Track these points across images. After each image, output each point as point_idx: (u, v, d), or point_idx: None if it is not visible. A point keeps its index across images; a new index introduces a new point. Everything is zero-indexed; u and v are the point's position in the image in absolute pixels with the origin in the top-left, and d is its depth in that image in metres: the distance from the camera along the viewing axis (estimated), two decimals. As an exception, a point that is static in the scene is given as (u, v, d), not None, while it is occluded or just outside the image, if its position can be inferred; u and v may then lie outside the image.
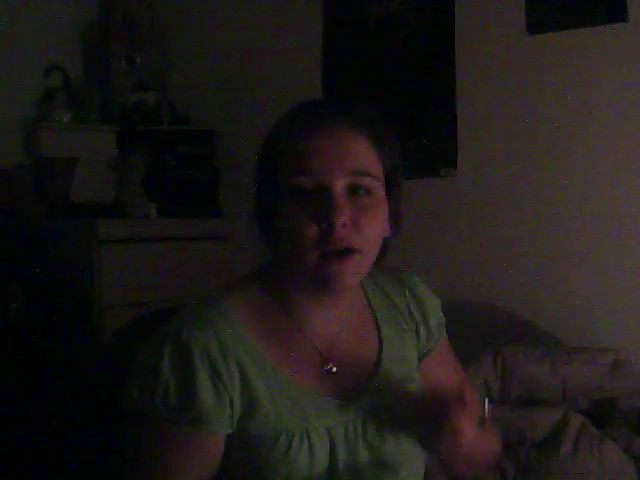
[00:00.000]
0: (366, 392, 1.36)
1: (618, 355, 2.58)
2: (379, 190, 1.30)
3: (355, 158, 1.27)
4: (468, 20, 3.13)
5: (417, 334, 1.49)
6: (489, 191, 3.09)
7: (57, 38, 3.66)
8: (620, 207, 2.85)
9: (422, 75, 3.26)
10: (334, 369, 1.35)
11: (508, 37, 3.04)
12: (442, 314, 1.54)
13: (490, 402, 1.32)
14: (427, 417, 1.31)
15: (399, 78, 3.31)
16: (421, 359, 1.51)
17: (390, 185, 1.33)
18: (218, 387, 1.23)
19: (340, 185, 1.24)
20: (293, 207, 1.25)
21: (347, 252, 1.24)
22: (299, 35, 3.55)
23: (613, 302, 2.84)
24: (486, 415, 1.28)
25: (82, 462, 2.07)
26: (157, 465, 1.26)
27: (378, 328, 1.45)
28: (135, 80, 3.75)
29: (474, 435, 1.26)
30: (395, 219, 1.35)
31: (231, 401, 1.24)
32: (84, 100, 3.64)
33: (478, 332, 2.73)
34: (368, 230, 1.26)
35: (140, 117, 3.61)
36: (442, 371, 1.52)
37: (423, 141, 3.22)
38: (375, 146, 1.30)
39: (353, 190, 1.26)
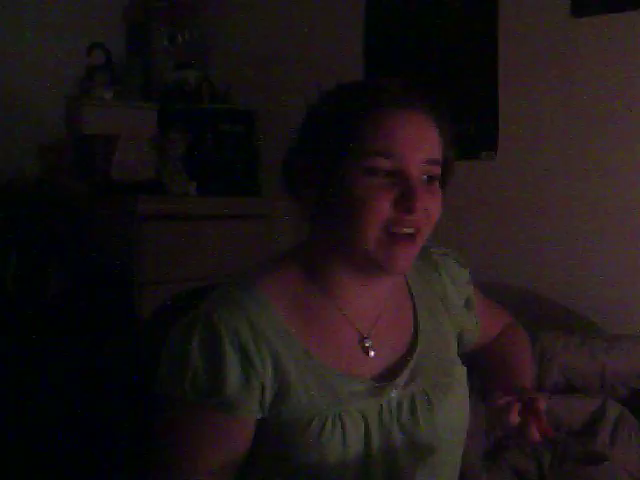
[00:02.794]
0: (402, 374, 1.35)
1: (658, 343, 2.56)
2: (440, 178, 1.31)
3: (431, 146, 1.28)
4: (512, 2, 3.09)
5: (454, 314, 1.50)
6: (529, 176, 3.06)
7: (99, 16, 3.69)
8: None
9: (464, 58, 3.23)
10: (372, 353, 1.35)
11: (552, 20, 2.99)
12: (472, 286, 1.56)
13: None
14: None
15: (441, 61, 3.29)
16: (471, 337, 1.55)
17: (445, 174, 1.34)
18: (248, 372, 1.22)
19: (419, 171, 1.25)
20: (369, 185, 1.24)
21: (412, 236, 1.26)
22: (341, 14, 3.53)
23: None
24: None
25: (115, 444, 2.09)
26: (184, 449, 1.26)
27: (415, 310, 1.45)
28: (176, 58, 3.77)
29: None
30: None
31: (262, 386, 1.24)
32: (125, 78, 3.67)
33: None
34: (434, 216, 1.28)
35: (181, 95, 3.63)
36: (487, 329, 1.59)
37: (465, 124, 3.20)
38: (441, 135, 1.31)
39: (427, 177, 1.27)
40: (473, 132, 3.19)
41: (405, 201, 1.23)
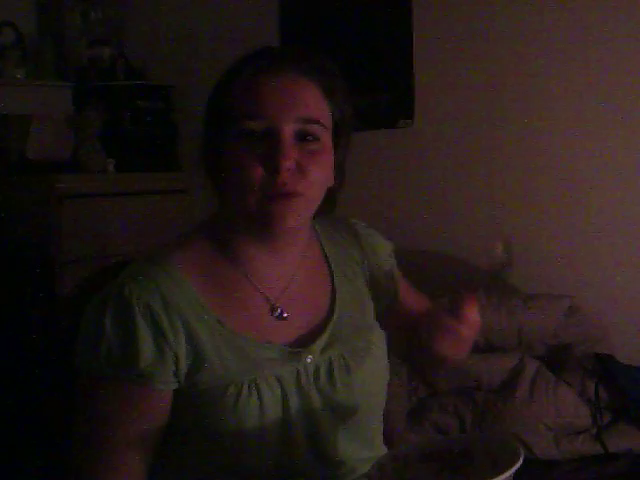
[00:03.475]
0: (319, 339, 1.37)
1: (573, 302, 2.63)
2: (326, 138, 1.31)
3: (306, 105, 1.28)
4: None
5: (372, 283, 1.52)
6: (446, 142, 3.11)
7: (9, -6, 3.60)
8: (578, 157, 2.86)
9: (380, 28, 3.25)
10: (285, 314, 1.36)
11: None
12: (394, 259, 1.56)
13: None
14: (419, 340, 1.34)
15: (357, 34, 3.31)
16: (389, 305, 1.54)
17: (338, 135, 1.34)
18: (161, 343, 1.24)
19: (289, 130, 1.25)
20: (241, 148, 1.25)
21: (290, 195, 1.25)
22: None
23: (567, 249, 2.88)
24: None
25: (41, 419, 2.08)
26: (103, 422, 1.27)
27: (332, 277, 1.46)
28: (90, 35, 3.71)
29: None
30: (340, 170, 1.36)
31: (175, 357, 1.25)
32: (38, 56, 3.59)
33: (435, 280, 2.76)
34: (313, 176, 1.27)
35: (96, 72, 3.58)
36: (414, 305, 1.56)
37: (381, 94, 3.23)
38: (326, 95, 1.31)
39: (301, 136, 1.27)
40: (390, 101, 3.22)
41: (271, 160, 1.24)
